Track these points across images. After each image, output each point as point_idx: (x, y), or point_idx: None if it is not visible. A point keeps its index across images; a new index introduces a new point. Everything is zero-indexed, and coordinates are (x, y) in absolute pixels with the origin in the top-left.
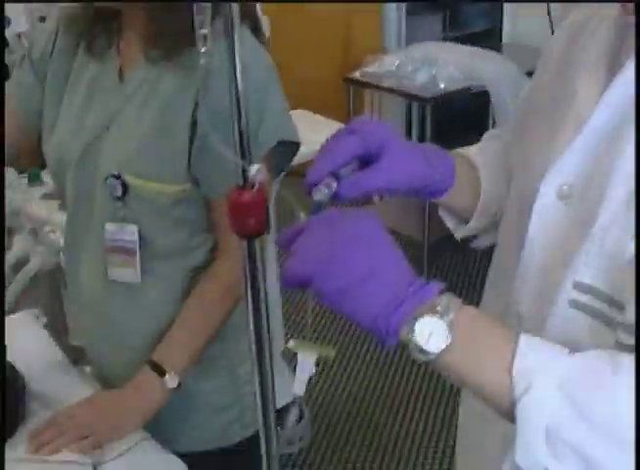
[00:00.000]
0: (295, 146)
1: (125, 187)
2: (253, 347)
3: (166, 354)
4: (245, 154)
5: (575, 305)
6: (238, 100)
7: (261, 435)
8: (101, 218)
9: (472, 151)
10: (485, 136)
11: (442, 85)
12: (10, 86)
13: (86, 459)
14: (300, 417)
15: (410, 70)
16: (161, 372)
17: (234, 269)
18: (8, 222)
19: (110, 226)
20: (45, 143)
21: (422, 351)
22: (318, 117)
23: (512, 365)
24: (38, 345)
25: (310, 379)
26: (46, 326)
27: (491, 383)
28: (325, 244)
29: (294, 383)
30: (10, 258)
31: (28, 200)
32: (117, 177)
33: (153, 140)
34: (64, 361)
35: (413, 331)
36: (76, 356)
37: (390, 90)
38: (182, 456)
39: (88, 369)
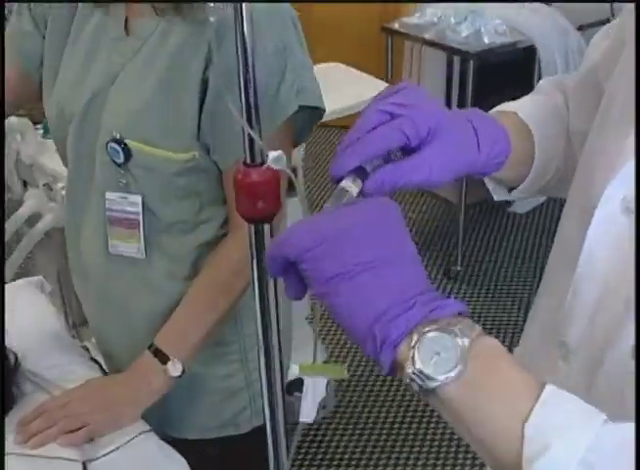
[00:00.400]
0: (319, 112)
1: (127, 153)
2: (262, 348)
3: (170, 339)
4: (253, 126)
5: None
6: (246, 65)
7: (267, 428)
8: (102, 185)
9: (525, 108)
10: (544, 83)
11: (487, 39)
12: (9, 33)
13: (75, 455)
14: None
15: (453, 23)
16: (164, 359)
17: (247, 246)
18: (22, 175)
19: (111, 195)
20: (45, 97)
21: (421, 374)
22: (353, 70)
23: (529, 417)
24: (38, 318)
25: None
26: (52, 294)
27: (497, 432)
28: (325, 222)
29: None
30: (23, 212)
31: (42, 152)
32: (119, 142)
33: (158, 101)
34: (65, 337)
35: (416, 346)
36: (85, 319)
37: (431, 43)
38: (191, 443)
39: (94, 340)
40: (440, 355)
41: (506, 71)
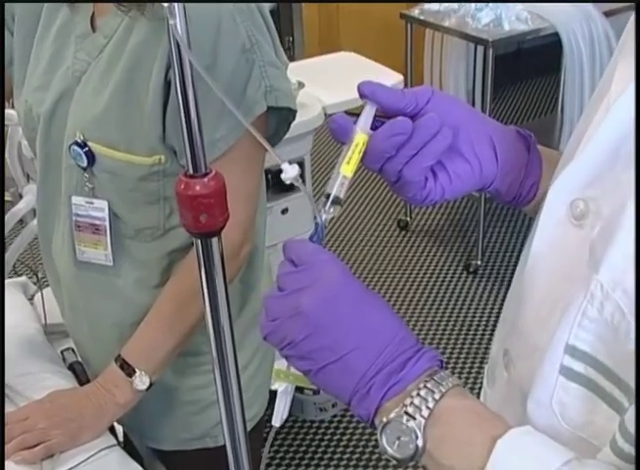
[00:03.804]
0: (292, 113)
1: (91, 156)
2: (217, 370)
3: (136, 351)
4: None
5: (566, 372)
6: (182, 71)
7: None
8: (68, 190)
9: None
10: None
11: (507, 27)
12: None
13: None
14: None
15: (474, 9)
16: (130, 371)
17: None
18: (26, 168)
19: (77, 200)
20: (16, 95)
21: (389, 455)
22: (365, 60)
23: None
24: (14, 323)
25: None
26: (34, 295)
27: None
28: (299, 325)
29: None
30: (20, 207)
31: None
32: (81, 145)
33: (118, 102)
34: (40, 343)
35: (382, 431)
36: None
37: (450, 31)
38: (171, 455)
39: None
40: (401, 439)
41: (529, 60)
